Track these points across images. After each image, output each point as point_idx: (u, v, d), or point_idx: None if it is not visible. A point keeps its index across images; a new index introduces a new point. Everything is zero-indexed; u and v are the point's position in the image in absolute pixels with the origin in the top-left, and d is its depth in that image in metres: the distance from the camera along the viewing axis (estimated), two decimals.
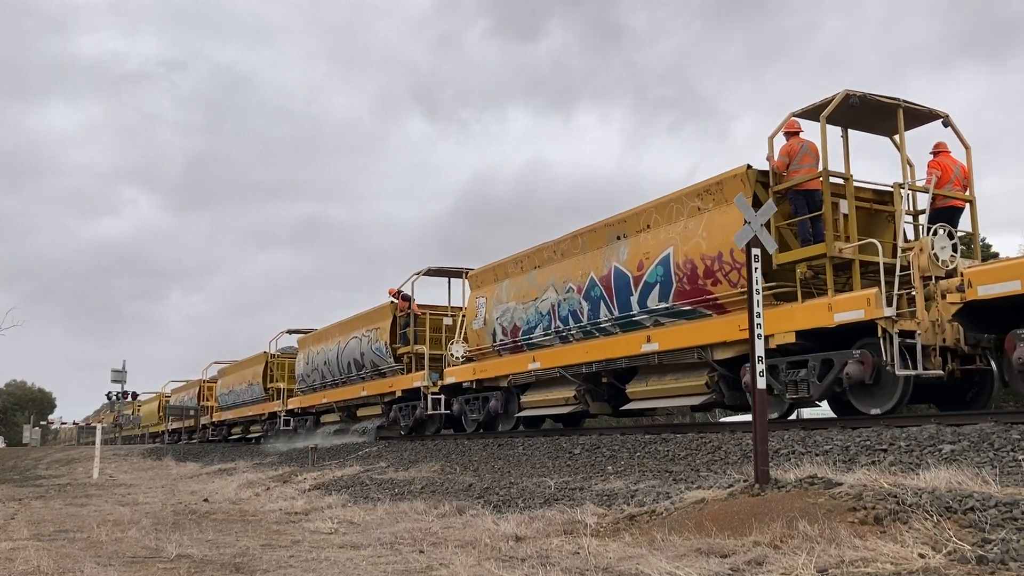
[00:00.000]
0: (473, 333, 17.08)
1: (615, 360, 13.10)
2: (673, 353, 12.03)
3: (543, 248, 15.13)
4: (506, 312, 15.94)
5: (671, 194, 12.16)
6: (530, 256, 15.59)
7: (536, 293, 15.08)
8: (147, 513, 10.98)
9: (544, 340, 14.82)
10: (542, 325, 14.82)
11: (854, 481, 6.09)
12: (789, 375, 10.35)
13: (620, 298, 12.87)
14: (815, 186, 10.50)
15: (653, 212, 12.43)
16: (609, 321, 13.17)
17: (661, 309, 12.11)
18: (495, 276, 16.71)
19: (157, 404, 46.92)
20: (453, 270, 19.72)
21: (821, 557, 4.79)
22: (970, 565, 4.42)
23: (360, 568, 5.96)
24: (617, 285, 12.93)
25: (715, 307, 11.38)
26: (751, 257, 7.01)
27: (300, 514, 10.52)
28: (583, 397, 14.13)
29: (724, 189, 11.11)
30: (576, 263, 14.07)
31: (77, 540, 8.07)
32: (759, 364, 6.81)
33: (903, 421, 9.21)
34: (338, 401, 22.91)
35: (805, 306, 10.25)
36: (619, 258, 12.97)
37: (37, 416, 76.83)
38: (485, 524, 7.74)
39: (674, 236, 11.89)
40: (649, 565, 5.10)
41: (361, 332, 21.37)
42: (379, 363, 20.34)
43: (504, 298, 16.11)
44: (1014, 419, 7.95)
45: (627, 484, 8.87)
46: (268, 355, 29.36)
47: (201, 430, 37.63)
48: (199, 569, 6.13)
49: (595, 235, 13.65)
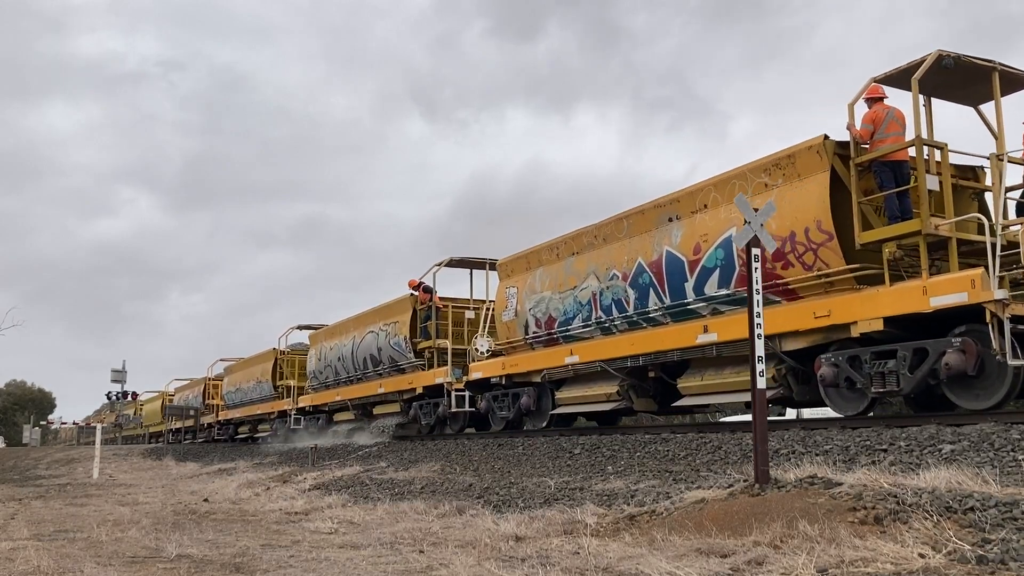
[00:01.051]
0: (502, 325, 16.11)
1: (665, 353, 12.15)
2: (734, 344, 10.95)
3: (582, 233, 14.08)
4: (540, 302, 14.93)
5: (732, 170, 11.18)
6: (567, 242, 14.51)
7: (575, 281, 14.04)
8: (147, 513, 10.98)
9: (583, 332, 13.84)
10: (581, 316, 13.83)
11: (854, 481, 6.10)
12: (874, 367, 9.37)
13: (672, 285, 11.91)
14: (904, 157, 9.65)
15: (712, 190, 11.42)
16: (659, 310, 12.23)
17: (721, 296, 11.17)
18: (527, 264, 15.69)
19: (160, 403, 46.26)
20: (476, 261, 18.81)
21: (821, 557, 4.79)
22: (970, 565, 4.42)
23: (360, 568, 5.96)
24: (669, 271, 11.95)
25: (785, 293, 10.50)
26: (751, 257, 7.01)
27: (300, 514, 10.52)
28: (626, 393, 13.18)
29: (796, 162, 10.22)
30: (621, 248, 13.04)
31: (77, 540, 8.07)
32: (759, 364, 6.81)
33: (903, 421, 9.20)
34: (353, 399, 22.15)
35: (894, 290, 9.25)
36: (672, 241, 11.93)
37: (37, 416, 76.81)
38: (485, 524, 7.74)
39: (737, 216, 10.62)
40: (649, 565, 5.10)
41: (378, 326, 20.54)
42: (398, 359, 19.54)
43: (538, 287, 15.09)
44: (1014, 419, 7.95)
45: (627, 484, 8.87)
46: (277, 352, 28.53)
47: (206, 429, 37.00)
48: (199, 569, 6.13)
49: (643, 217, 12.63)
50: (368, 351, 20.89)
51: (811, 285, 10.14)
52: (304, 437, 24.57)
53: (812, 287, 10.14)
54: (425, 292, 18.80)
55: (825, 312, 9.87)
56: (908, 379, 9.12)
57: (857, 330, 9.52)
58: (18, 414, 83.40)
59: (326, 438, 22.80)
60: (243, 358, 33.21)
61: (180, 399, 41.81)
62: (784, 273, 10.43)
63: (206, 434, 37.22)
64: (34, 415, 77.58)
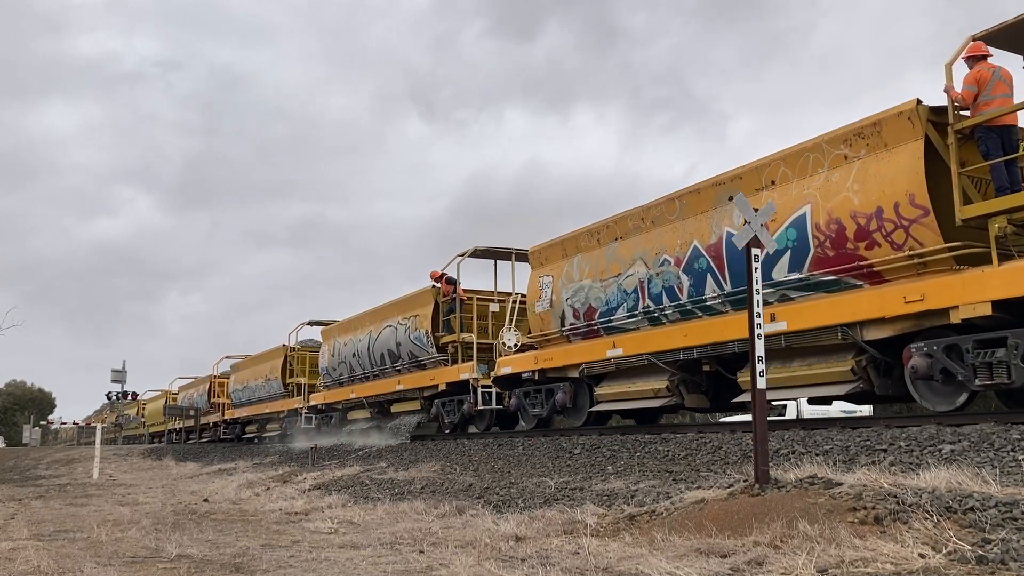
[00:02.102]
0: (535, 317, 15.07)
1: (724, 344, 11.08)
2: (806, 334, 10.06)
3: (627, 216, 13.07)
4: (579, 291, 13.88)
5: (804, 142, 10.26)
6: (610, 226, 13.46)
7: (618, 268, 12.98)
8: (147, 513, 10.98)
9: (628, 322, 12.78)
10: (626, 305, 12.78)
11: (854, 481, 6.09)
12: (978, 356, 8.44)
13: (734, 269, 10.91)
14: (1013, 121, 8.82)
15: (780, 165, 10.50)
16: (718, 298, 11.23)
17: (792, 281, 10.24)
18: (563, 251, 14.63)
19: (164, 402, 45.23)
20: (502, 251, 17.73)
21: (821, 557, 4.79)
22: (970, 565, 4.42)
23: (360, 568, 5.96)
24: (731, 254, 10.95)
25: (869, 275, 9.55)
26: (751, 257, 7.01)
27: (300, 514, 10.52)
28: (677, 389, 12.17)
29: (883, 131, 9.32)
30: (673, 231, 12.01)
31: (77, 540, 8.07)
32: (759, 364, 6.82)
33: (903, 421, 9.21)
34: (369, 396, 21.14)
35: (1005, 270, 8.25)
36: (733, 222, 10.87)
37: (37, 416, 76.85)
38: (485, 524, 7.74)
39: (811, 192, 9.99)
40: (649, 565, 5.10)
41: (397, 320, 19.52)
42: (418, 354, 18.56)
43: (576, 275, 14.05)
44: (1014, 419, 7.95)
45: (627, 484, 8.87)
46: (287, 348, 27.52)
47: (212, 428, 36.21)
48: (199, 569, 6.13)
49: (699, 197, 11.63)
50: (386, 346, 19.95)
51: (901, 266, 9.18)
52: (316, 436, 23.79)
53: (902, 268, 9.18)
54: (448, 284, 17.87)
55: (918, 296, 8.92)
56: (1020, 369, 8.13)
57: (959, 315, 8.51)
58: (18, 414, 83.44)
59: (340, 437, 22.04)
60: (249, 355, 32.30)
61: (184, 398, 40.78)
62: (868, 254, 9.44)
63: (211, 433, 36.38)
64: (34, 415, 77.61)
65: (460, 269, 17.58)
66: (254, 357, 31.25)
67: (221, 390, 35.07)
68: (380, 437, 19.72)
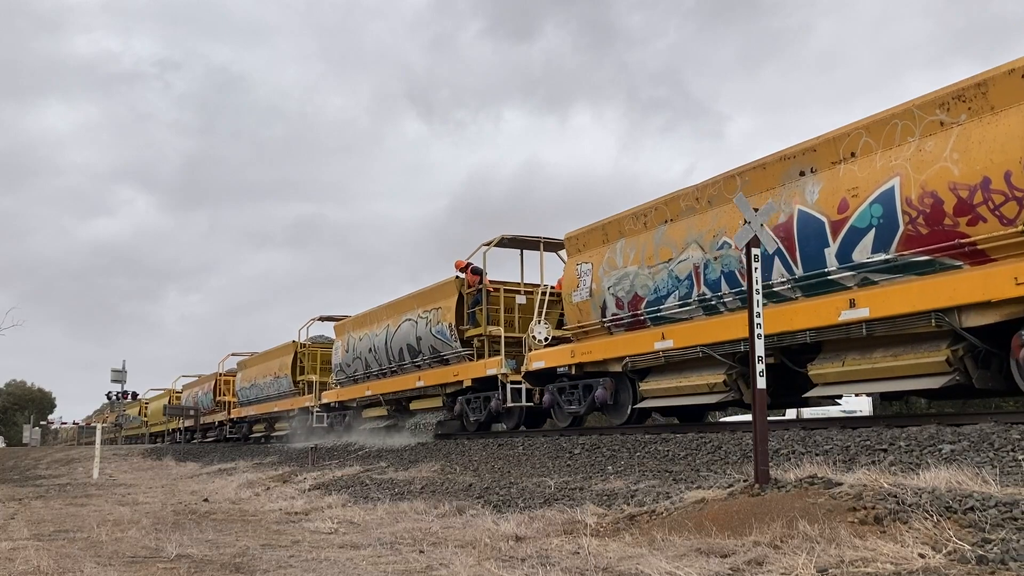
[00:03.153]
0: (572, 308, 14.07)
1: (793, 334, 10.14)
2: (892, 321, 9.09)
3: (678, 196, 12.10)
4: (623, 279, 12.87)
5: (892, 108, 9.34)
6: (659, 208, 12.45)
7: (669, 253, 11.99)
8: (147, 513, 10.98)
9: (680, 312, 11.78)
10: (678, 293, 11.81)
11: (854, 481, 6.10)
12: None
13: (807, 251, 10.01)
14: None
15: (862, 134, 9.57)
16: (786, 283, 10.28)
17: (876, 263, 9.28)
18: (605, 236, 13.58)
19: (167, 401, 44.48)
20: (530, 239, 16.80)
21: (821, 557, 4.79)
22: (970, 565, 4.42)
23: (360, 568, 5.96)
24: (803, 235, 10.04)
25: (970, 255, 8.58)
26: (751, 257, 7.01)
27: (300, 514, 10.53)
28: (735, 383, 11.20)
29: (990, 92, 8.37)
30: (734, 211, 10.83)
31: (77, 540, 8.08)
32: (759, 364, 6.82)
33: (903, 421, 9.21)
34: (386, 393, 20.10)
35: None
36: (805, 199, 10.06)
37: (37, 416, 76.89)
38: (485, 524, 7.74)
39: (900, 163, 9.09)
40: (649, 565, 5.10)
41: (417, 313, 18.55)
42: (441, 348, 17.56)
43: (619, 262, 13.05)
44: (1014, 419, 7.95)
45: (627, 484, 8.87)
46: (297, 344, 26.70)
47: (217, 428, 35.33)
48: (199, 569, 6.13)
49: (764, 173, 10.72)
50: (405, 341, 19.00)
51: (1012, 243, 8.16)
52: (329, 436, 22.97)
53: (1013, 246, 8.17)
54: (474, 274, 16.93)
55: None
56: None
57: None
58: (18, 414, 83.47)
59: (355, 436, 21.19)
60: (256, 353, 31.56)
61: (188, 397, 39.90)
62: (970, 231, 8.47)
63: (217, 433, 35.59)
64: (34, 415, 77.64)
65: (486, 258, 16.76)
66: (262, 354, 30.44)
67: (227, 388, 34.31)
68: (399, 436, 18.93)
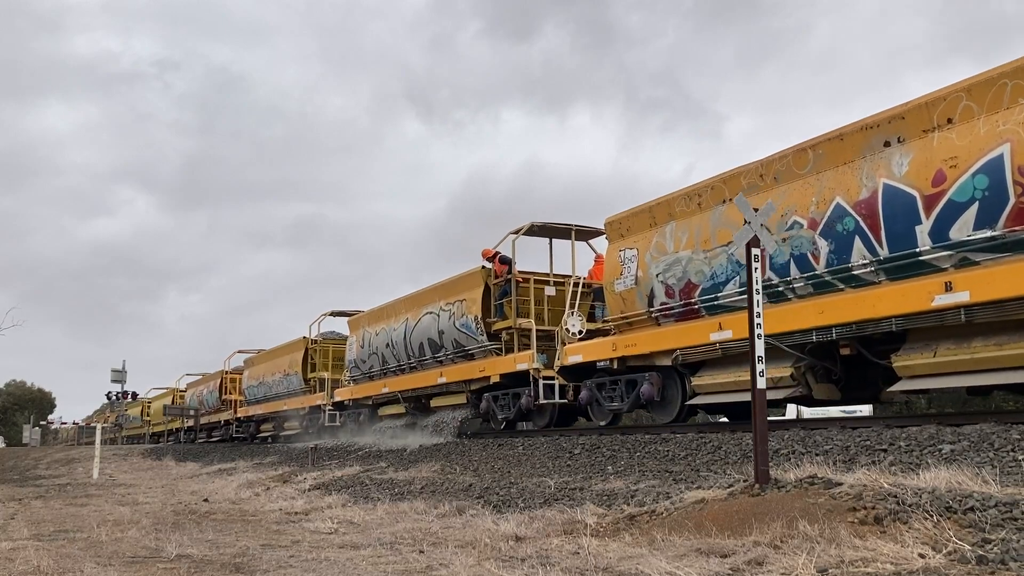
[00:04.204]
0: (614, 297, 13.16)
1: (877, 321, 9.22)
2: (999, 306, 8.24)
3: (739, 173, 11.12)
4: (673, 265, 11.92)
5: (998, 67, 8.54)
6: (715, 187, 11.48)
7: (728, 236, 10.83)
8: (147, 513, 10.99)
9: (740, 300, 10.73)
10: (738, 279, 10.88)
11: (854, 481, 6.10)
12: None
13: (894, 229, 9.11)
14: None
15: (962, 98, 8.75)
16: (869, 265, 9.38)
17: (979, 241, 8.39)
18: (652, 219, 12.61)
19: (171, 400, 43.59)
20: (561, 227, 16.08)
21: (821, 557, 4.79)
22: (970, 565, 4.42)
23: (360, 568, 5.96)
24: (889, 211, 9.16)
25: None
26: (751, 257, 7.02)
27: (300, 514, 10.53)
28: (803, 377, 10.35)
29: None
30: (804, 187, 10.16)
31: (77, 540, 8.08)
32: (759, 364, 6.82)
33: (903, 421, 9.20)
34: (404, 390, 19.24)
35: None
36: (892, 171, 9.18)
37: (37, 416, 76.88)
38: (485, 524, 7.74)
39: (1011, 128, 8.23)
40: (649, 565, 5.11)
41: (439, 306, 17.70)
42: (465, 342, 16.68)
43: (670, 247, 12.10)
44: (1014, 419, 7.95)
45: (627, 484, 8.87)
46: (308, 341, 25.78)
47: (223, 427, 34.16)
48: (199, 569, 6.13)
49: (841, 144, 9.79)
50: (426, 335, 18.11)
51: None
52: (343, 435, 22.09)
53: None
54: (502, 264, 16.08)
55: None
56: None
57: None
58: (18, 414, 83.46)
59: (370, 436, 20.26)
60: (264, 350, 30.59)
61: (193, 395, 38.63)
62: None
63: (223, 432, 34.48)
64: (34, 415, 77.64)
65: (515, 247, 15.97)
66: (271, 351, 29.52)
67: (233, 386, 33.38)
68: (419, 435, 17.91)
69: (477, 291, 16.29)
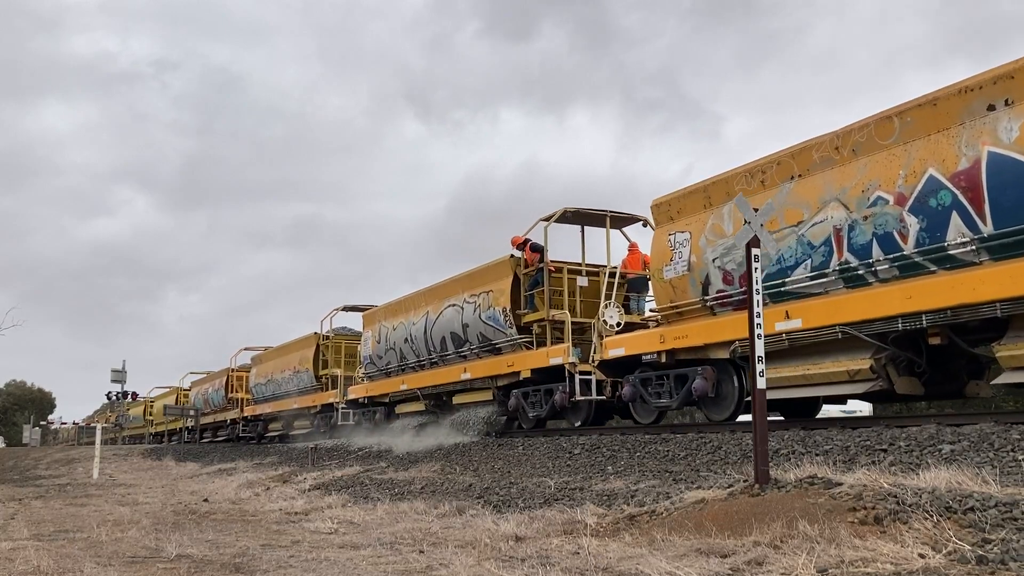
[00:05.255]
0: (663, 285, 12.30)
1: (975, 307, 8.30)
2: None
3: (810, 146, 10.24)
4: (733, 249, 11.00)
5: None
6: (782, 162, 10.63)
7: (798, 215, 10.21)
8: (147, 513, 10.99)
9: (810, 285, 10.03)
10: (809, 262, 10.05)
11: (854, 481, 6.10)
12: None
13: (1002, 203, 8.16)
14: None
15: None
16: (968, 244, 8.46)
17: None
18: (707, 200, 11.70)
19: (175, 399, 43.16)
20: (596, 213, 15.17)
21: (821, 557, 4.79)
22: (970, 565, 4.42)
23: (360, 568, 5.96)
24: (995, 183, 8.23)
25: None
26: (751, 257, 7.02)
27: (300, 514, 10.53)
28: (883, 369, 9.39)
29: None
30: (891, 159, 9.24)
31: (77, 540, 8.08)
32: (759, 364, 6.82)
33: (903, 421, 9.20)
34: (424, 387, 18.36)
35: None
36: (998, 138, 8.24)
37: (37, 416, 76.86)
38: (485, 524, 7.74)
39: None
40: (649, 565, 5.11)
41: (463, 298, 16.83)
42: (493, 336, 15.81)
43: (729, 229, 11.18)
44: (1014, 419, 7.95)
45: (627, 484, 8.88)
46: (320, 336, 25.04)
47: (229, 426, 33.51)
48: (199, 569, 6.13)
49: (934, 111, 8.88)
50: (448, 329, 17.30)
51: None
52: (358, 434, 21.13)
53: None
54: (534, 251, 15.16)
55: None
56: None
57: None
58: (18, 414, 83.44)
59: (388, 436, 19.23)
60: (271, 347, 29.84)
61: (197, 394, 37.88)
62: None
63: (228, 432, 33.79)
64: (34, 415, 77.63)
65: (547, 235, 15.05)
66: (280, 348, 28.73)
67: (240, 384, 32.52)
68: (441, 434, 16.95)
69: (506, 281, 15.47)
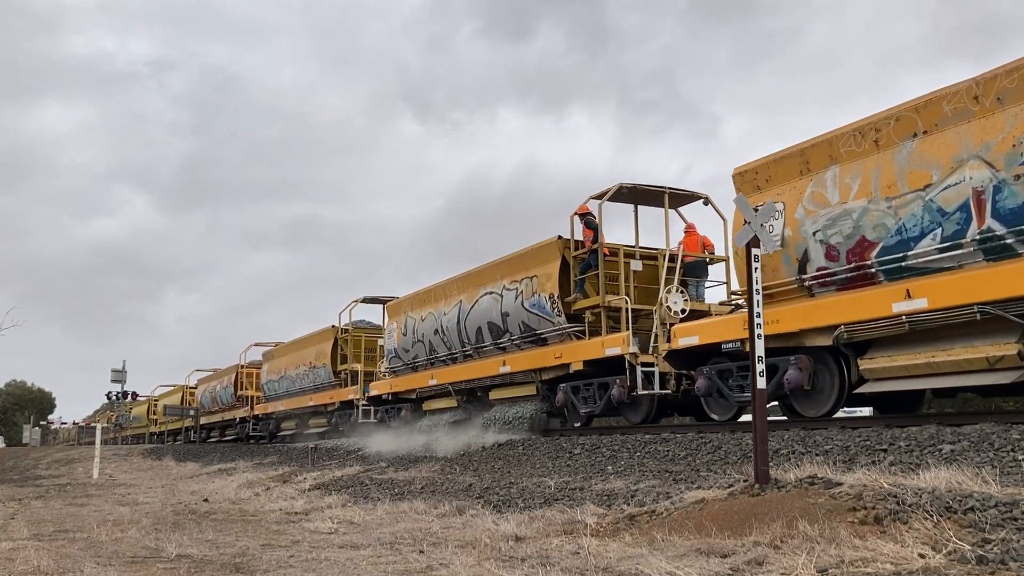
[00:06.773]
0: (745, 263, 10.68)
1: None
2: None
3: (939, 98, 8.93)
4: (840, 220, 9.77)
5: None
6: (902, 117, 9.26)
7: (925, 178, 8.89)
8: (147, 513, 10.98)
9: (940, 259, 8.77)
10: (939, 232, 8.76)
11: (854, 481, 6.10)
12: None
13: None
14: None
15: None
16: None
17: None
18: (804, 165, 10.36)
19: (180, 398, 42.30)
20: (653, 190, 13.83)
21: (821, 557, 4.79)
22: (970, 565, 4.42)
23: (360, 568, 5.96)
24: None
25: None
26: (751, 257, 7.02)
27: (300, 514, 10.53)
28: None
29: None
30: None
31: (77, 540, 8.08)
32: (759, 364, 6.83)
33: (903, 421, 9.20)
34: (457, 382, 17.05)
35: None
36: None
37: (37, 416, 76.86)
38: (485, 524, 7.74)
39: None
40: (649, 565, 5.11)
41: (501, 285, 15.52)
42: (537, 325, 14.53)
43: (833, 196, 9.94)
44: (1014, 419, 7.95)
45: (627, 484, 8.88)
46: (338, 330, 23.79)
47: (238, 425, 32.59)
48: (199, 569, 6.13)
49: None
50: (485, 318, 15.95)
51: None
52: (381, 433, 19.40)
53: None
54: (589, 228, 13.84)
55: None
56: None
57: None
58: (18, 414, 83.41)
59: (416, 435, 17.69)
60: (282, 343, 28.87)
61: (204, 392, 37.00)
62: None
63: (237, 431, 32.80)
64: (34, 415, 77.63)
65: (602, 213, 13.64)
66: (294, 342, 27.45)
67: (250, 381, 31.30)
68: (478, 433, 15.59)
69: (553, 265, 14.12)
